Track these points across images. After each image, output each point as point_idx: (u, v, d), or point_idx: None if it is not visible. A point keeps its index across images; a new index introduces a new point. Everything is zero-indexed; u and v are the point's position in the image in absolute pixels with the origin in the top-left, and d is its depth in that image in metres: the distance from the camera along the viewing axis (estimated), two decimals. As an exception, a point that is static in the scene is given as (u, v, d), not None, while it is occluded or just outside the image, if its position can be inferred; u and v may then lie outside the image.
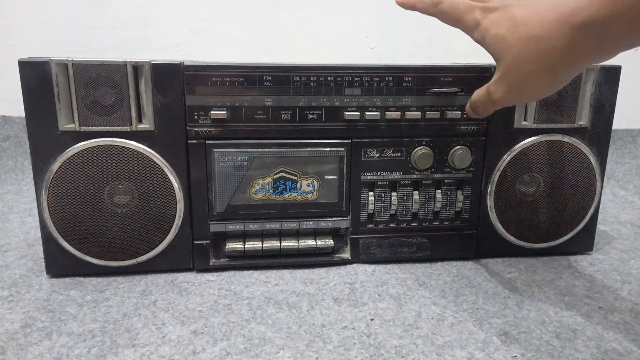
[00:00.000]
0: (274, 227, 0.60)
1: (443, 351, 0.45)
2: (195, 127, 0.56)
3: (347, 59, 1.07)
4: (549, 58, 0.37)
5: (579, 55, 0.37)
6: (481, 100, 0.46)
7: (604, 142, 0.63)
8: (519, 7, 0.40)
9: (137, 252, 0.57)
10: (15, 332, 0.47)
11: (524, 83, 0.40)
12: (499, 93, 0.43)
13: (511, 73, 0.40)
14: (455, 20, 0.46)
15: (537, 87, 0.40)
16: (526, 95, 0.43)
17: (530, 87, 0.40)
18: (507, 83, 0.41)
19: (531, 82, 0.40)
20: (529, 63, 0.39)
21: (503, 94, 0.42)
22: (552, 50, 0.37)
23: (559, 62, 0.37)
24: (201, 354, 0.44)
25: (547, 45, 0.37)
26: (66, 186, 0.54)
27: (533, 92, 0.42)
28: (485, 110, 0.47)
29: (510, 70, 0.40)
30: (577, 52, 0.36)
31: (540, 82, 0.40)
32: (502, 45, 0.40)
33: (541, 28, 0.37)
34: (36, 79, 0.52)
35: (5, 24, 1.02)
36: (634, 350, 0.46)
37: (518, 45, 0.39)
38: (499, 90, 0.43)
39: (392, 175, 0.61)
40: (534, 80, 0.40)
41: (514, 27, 0.39)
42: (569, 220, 0.64)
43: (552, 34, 0.36)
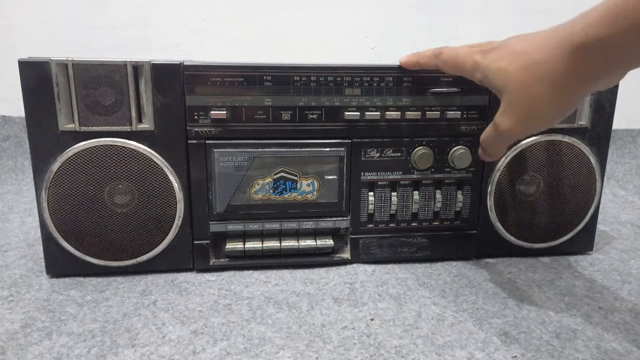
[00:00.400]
0: (274, 227, 0.60)
1: (443, 351, 0.45)
2: (195, 127, 0.56)
3: (347, 59, 1.07)
4: (554, 79, 0.37)
5: (582, 76, 0.36)
6: (489, 137, 0.45)
7: (604, 142, 0.63)
8: (517, 40, 0.41)
9: (137, 252, 0.57)
10: (15, 332, 0.47)
11: (532, 108, 0.40)
12: (506, 124, 0.42)
13: (518, 101, 0.40)
14: (457, 67, 0.47)
15: (546, 111, 0.40)
16: (535, 122, 0.42)
17: (539, 112, 0.40)
18: (514, 112, 0.41)
19: (539, 106, 0.39)
20: (535, 87, 0.39)
21: (512, 124, 0.42)
22: (555, 72, 0.37)
23: (564, 84, 0.37)
24: (201, 354, 0.44)
25: (550, 68, 0.37)
26: (66, 186, 0.54)
27: (542, 117, 0.41)
28: (495, 147, 0.47)
29: (516, 98, 0.40)
30: (580, 73, 0.36)
31: (548, 106, 0.39)
32: (504, 76, 0.40)
33: (542, 53, 0.37)
34: (36, 79, 0.52)
35: (5, 24, 1.02)
36: (634, 350, 0.46)
37: (521, 73, 0.39)
38: (507, 121, 0.42)
39: (392, 175, 0.61)
40: (542, 104, 0.39)
41: (515, 58, 0.40)
42: (569, 220, 0.64)
43: (553, 58, 0.37)
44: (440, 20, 1.08)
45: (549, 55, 0.37)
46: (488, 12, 1.10)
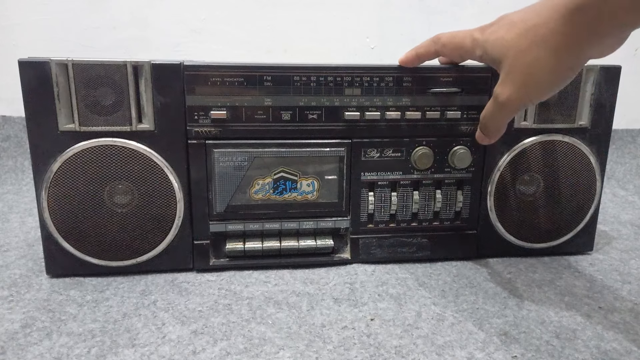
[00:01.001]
0: (274, 227, 0.60)
1: (443, 351, 0.45)
2: (195, 127, 0.56)
3: (347, 59, 1.07)
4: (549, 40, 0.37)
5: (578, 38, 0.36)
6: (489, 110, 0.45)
7: (604, 142, 0.63)
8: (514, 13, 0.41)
9: (137, 252, 0.57)
10: (15, 332, 0.47)
11: (529, 74, 0.40)
12: (505, 93, 0.42)
13: (515, 68, 0.40)
14: (456, 47, 0.47)
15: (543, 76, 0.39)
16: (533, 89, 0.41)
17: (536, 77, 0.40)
18: (512, 80, 0.41)
19: (536, 70, 0.39)
20: (530, 50, 0.38)
21: (510, 92, 0.41)
22: (552, 34, 0.37)
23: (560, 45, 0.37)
24: (201, 354, 0.44)
25: (546, 30, 0.37)
26: (66, 186, 0.54)
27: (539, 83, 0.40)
28: (495, 123, 0.46)
29: (513, 65, 0.40)
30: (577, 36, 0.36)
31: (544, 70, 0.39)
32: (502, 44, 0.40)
33: (538, 17, 0.38)
34: (36, 79, 0.52)
35: (6, 24, 1.02)
36: (634, 350, 0.46)
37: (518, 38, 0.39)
38: (506, 90, 0.42)
39: (392, 175, 0.61)
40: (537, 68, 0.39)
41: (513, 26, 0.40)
42: (569, 220, 0.64)
43: (550, 20, 0.37)
44: (440, 20, 1.08)
45: (546, 18, 0.37)
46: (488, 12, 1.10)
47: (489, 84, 0.59)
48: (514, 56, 0.40)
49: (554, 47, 0.37)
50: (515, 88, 0.41)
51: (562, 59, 0.38)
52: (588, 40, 0.36)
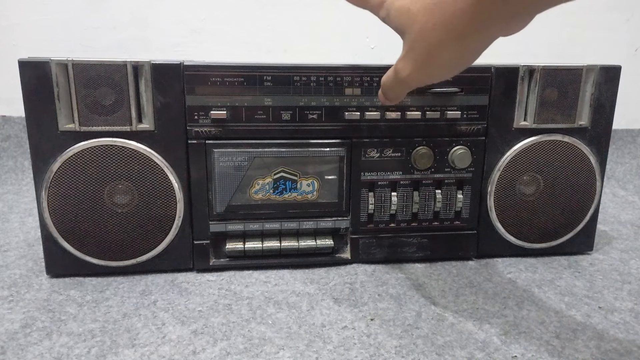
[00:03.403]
0: (274, 227, 0.60)
1: (443, 351, 0.45)
2: (195, 127, 0.56)
3: (347, 59, 1.07)
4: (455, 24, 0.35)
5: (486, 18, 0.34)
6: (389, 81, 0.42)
7: (604, 142, 0.63)
8: None
9: (137, 252, 0.57)
10: (15, 332, 0.47)
11: (432, 55, 0.37)
12: (406, 70, 0.39)
13: (418, 45, 0.38)
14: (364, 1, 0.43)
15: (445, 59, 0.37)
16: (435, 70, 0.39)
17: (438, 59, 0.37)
18: (414, 58, 0.38)
19: (438, 53, 0.37)
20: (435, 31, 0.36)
21: (411, 71, 0.39)
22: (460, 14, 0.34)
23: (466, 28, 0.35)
24: (201, 354, 0.44)
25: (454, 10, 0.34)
26: (66, 186, 0.54)
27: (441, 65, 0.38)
28: (394, 93, 0.44)
29: (416, 42, 0.38)
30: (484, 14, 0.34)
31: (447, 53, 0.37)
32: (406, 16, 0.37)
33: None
34: (36, 79, 0.52)
35: (6, 24, 1.02)
36: (634, 350, 0.46)
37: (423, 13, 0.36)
38: (407, 67, 0.39)
39: (392, 175, 0.61)
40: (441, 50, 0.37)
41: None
42: (569, 220, 0.64)
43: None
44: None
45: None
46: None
47: (488, 84, 0.59)
48: (417, 32, 0.37)
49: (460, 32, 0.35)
50: (417, 67, 0.39)
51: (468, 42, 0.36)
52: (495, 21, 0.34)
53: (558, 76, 0.59)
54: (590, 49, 1.09)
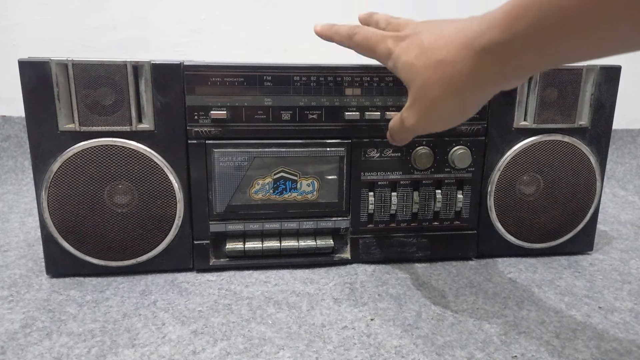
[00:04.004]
0: (274, 227, 0.60)
1: (443, 351, 0.45)
2: (195, 127, 0.56)
3: (347, 59, 1.07)
4: (455, 82, 0.37)
5: (484, 78, 0.36)
6: (396, 128, 0.45)
7: (604, 142, 0.63)
8: (428, 33, 0.40)
9: (137, 252, 0.57)
10: (15, 332, 0.47)
11: (433, 108, 0.40)
12: (411, 120, 0.42)
13: (420, 99, 0.40)
14: (369, 50, 0.46)
15: (446, 112, 0.40)
16: (437, 121, 0.42)
17: (439, 112, 0.40)
18: (417, 109, 0.41)
19: (439, 106, 0.40)
20: (436, 87, 0.38)
21: (415, 121, 0.42)
22: (459, 74, 0.37)
23: (465, 86, 0.37)
24: (201, 354, 0.44)
25: (453, 70, 0.37)
26: (66, 186, 0.54)
27: (442, 117, 0.41)
28: (401, 138, 0.47)
29: (419, 95, 0.40)
30: (482, 75, 0.36)
31: (448, 107, 0.39)
32: (411, 70, 0.40)
33: (447, 52, 0.37)
34: (36, 79, 0.52)
35: (6, 24, 1.02)
36: (634, 350, 0.46)
37: (425, 70, 0.39)
38: (411, 117, 0.42)
39: (392, 175, 0.61)
40: (441, 104, 0.39)
41: (422, 53, 0.39)
42: (569, 220, 0.64)
43: (458, 58, 0.36)
44: (440, 20, 1.08)
45: (454, 55, 0.37)
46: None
47: (489, 84, 0.59)
48: (420, 86, 0.40)
49: (459, 88, 0.37)
50: (420, 117, 0.42)
51: (467, 98, 0.39)
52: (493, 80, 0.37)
53: (558, 76, 0.59)
54: (590, 49, 1.09)
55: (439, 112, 0.40)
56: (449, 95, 0.38)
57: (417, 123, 0.42)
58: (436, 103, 0.39)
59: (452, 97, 0.38)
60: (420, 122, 0.42)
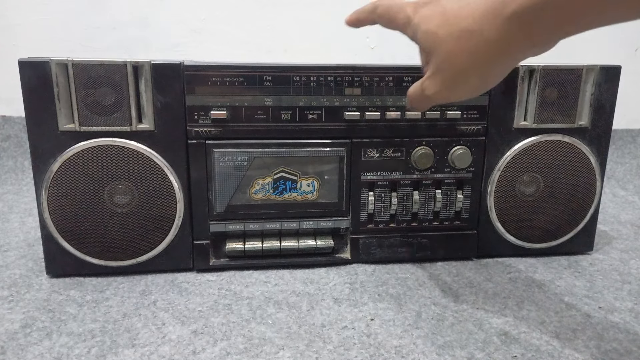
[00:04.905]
0: (274, 227, 0.60)
1: (443, 351, 0.45)
2: (195, 127, 0.56)
3: (347, 59, 1.07)
4: (483, 52, 0.36)
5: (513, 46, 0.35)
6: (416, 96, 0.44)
7: (604, 142, 0.63)
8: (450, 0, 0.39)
9: (137, 252, 0.57)
10: (15, 332, 0.47)
11: (458, 79, 0.39)
12: (432, 89, 0.41)
13: (445, 69, 0.39)
14: (390, 21, 0.44)
15: (472, 82, 0.39)
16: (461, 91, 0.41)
17: (465, 82, 0.39)
18: (440, 79, 0.40)
19: (466, 77, 0.38)
20: (462, 58, 0.37)
21: (437, 90, 0.41)
22: (485, 44, 0.36)
23: (494, 56, 0.36)
24: (201, 354, 0.44)
25: (480, 39, 0.36)
26: (66, 186, 0.54)
27: (466, 87, 0.40)
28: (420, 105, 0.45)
29: (443, 66, 0.39)
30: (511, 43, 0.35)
31: (473, 78, 0.38)
32: (433, 40, 0.39)
33: (473, 21, 0.36)
34: (36, 79, 0.52)
35: (6, 24, 1.02)
36: (634, 350, 0.46)
37: (450, 40, 0.37)
38: (433, 86, 0.41)
39: (392, 175, 0.61)
40: (468, 75, 0.38)
41: (445, 21, 0.38)
42: (569, 220, 0.64)
43: (484, 27, 0.35)
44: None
45: (480, 24, 0.35)
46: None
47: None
48: (445, 56, 0.38)
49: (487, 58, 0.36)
50: (444, 87, 0.40)
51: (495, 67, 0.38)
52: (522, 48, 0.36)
53: (558, 76, 0.59)
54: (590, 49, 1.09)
55: (463, 83, 0.39)
56: (475, 66, 0.37)
57: (440, 92, 0.41)
58: (461, 74, 0.38)
59: (478, 67, 0.37)
60: (442, 91, 0.40)
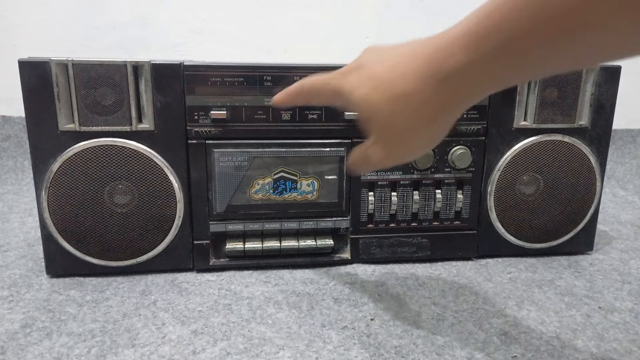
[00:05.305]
0: (274, 227, 0.60)
1: (443, 351, 0.45)
2: (195, 127, 0.56)
3: (347, 59, 1.07)
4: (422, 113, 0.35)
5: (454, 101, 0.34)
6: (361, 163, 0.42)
7: (604, 142, 0.63)
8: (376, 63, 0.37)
9: (137, 252, 0.57)
10: (15, 332, 0.47)
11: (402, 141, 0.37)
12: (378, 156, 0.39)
13: (387, 135, 0.37)
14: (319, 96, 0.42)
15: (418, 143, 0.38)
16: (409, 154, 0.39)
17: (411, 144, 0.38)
18: (385, 145, 0.38)
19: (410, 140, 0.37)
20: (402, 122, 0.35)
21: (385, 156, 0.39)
22: (424, 105, 0.34)
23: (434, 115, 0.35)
24: (201, 354, 0.44)
25: (417, 101, 0.34)
26: (66, 186, 0.54)
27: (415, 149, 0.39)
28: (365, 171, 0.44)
29: (385, 132, 0.37)
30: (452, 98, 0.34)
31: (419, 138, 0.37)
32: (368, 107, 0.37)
33: (407, 83, 0.34)
34: (36, 79, 0.52)
35: (6, 24, 1.02)
36: (634, 350, 0.46)
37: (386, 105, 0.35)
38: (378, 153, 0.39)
39: (392, 175, 0.61)
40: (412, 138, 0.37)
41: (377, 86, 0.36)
42: (569, 220, 0.64)
43: (420, 89, 0.33)
44: (440, 20, 1.08)
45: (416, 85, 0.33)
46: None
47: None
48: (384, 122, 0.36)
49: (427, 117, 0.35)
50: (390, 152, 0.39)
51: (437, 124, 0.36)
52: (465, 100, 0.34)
53: (558, 76, 0.59)
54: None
55: (409, 145, 0.38)
56: (417, 128, 0.36)
57: (387, 157, 0.39)
58: (404, 137, 0.37)
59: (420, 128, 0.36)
60: (389, 157, 0.39)
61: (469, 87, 0.33)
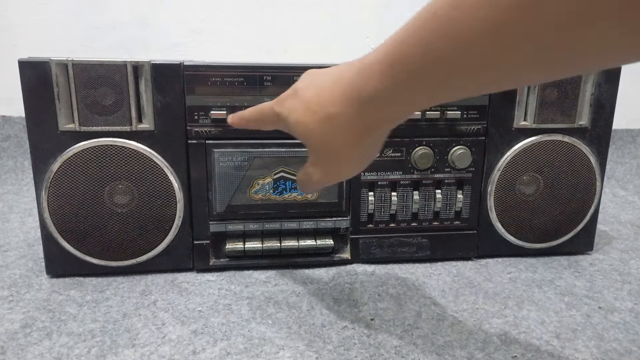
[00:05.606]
0: (274, 227, 0.60)
1: (443, 351, 0.45)
2: (195, 127, 0.56)
3: (347, 59, 1.07)
4: (351, 132, 0.37)
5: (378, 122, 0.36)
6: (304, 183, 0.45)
7: (604, 142, 0.63)
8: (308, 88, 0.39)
9: (137, 252, 0.57)
10: (15, 332, 0.47)
11: (336, 160, 0.40)
12: (316, 175, 0.42)
13: (322, 154, 0.40)
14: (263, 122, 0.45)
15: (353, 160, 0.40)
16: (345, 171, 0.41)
17: (346, 162, 0.40)
18: (322, 164, 0.41)
19: (344, 158, 0.39)
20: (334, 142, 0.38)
21: (322, 175, 0.41)
22: (351, 125, 0.36)
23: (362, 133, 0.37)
24: (201, 354, 0.44)
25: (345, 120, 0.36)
26: (66, 186, 0.54)
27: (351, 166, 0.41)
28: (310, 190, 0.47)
29: (319, 152, 0.40)
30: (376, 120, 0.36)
31: (353, 156, 0.39)
32: (303, 129, 0.39)
33: (333, 105, 0.36)
34: (36, 79, 0.52)
35: (6, 24, 1.02)
36: (634, 350, 0.46)
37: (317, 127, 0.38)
38: (316, 173, 0.42)
39: (392, 175, 0.61)
40: (346, 156, 0.39)
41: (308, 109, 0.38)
42: (569, 220, 0.64)
43: (345, 110, 0.36)
44: (440, 20, 1.08)
45: (341, 106, 0.36)
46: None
47: (489, 84, 0.59)
48: (318, 142, 0.39)
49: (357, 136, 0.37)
50: (327, 171, 0.41)
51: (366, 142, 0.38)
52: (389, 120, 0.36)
53: (558, 76, 0.59)
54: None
55: (345, 163, 0.40)
56: (348, 146, 0.38)
57: (325, 176, 0.41)
58: (338, 156, 0.39)
59: (352, 147, 0.38)
60: (327, 175, 0.41)
61: (390, 110, 0.34)
